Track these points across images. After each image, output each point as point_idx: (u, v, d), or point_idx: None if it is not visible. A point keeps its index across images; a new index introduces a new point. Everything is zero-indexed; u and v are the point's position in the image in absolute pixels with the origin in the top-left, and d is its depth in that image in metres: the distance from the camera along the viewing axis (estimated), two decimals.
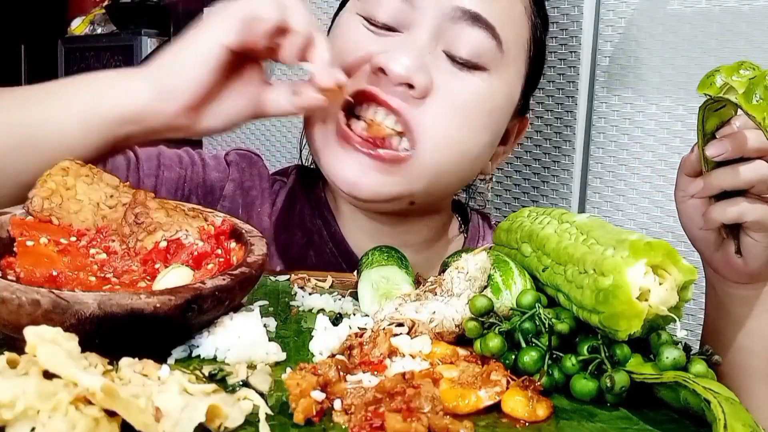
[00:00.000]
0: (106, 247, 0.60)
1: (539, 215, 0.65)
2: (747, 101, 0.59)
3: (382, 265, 0.67)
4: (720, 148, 0.63)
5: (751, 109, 0.59)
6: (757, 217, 0.64)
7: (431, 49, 0.77)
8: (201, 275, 0.57)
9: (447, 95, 0.77)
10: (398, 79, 0.75)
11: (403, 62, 0.74)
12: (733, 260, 0.67)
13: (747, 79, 0.60)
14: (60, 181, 0.63)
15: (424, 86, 0.76)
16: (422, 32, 0.77)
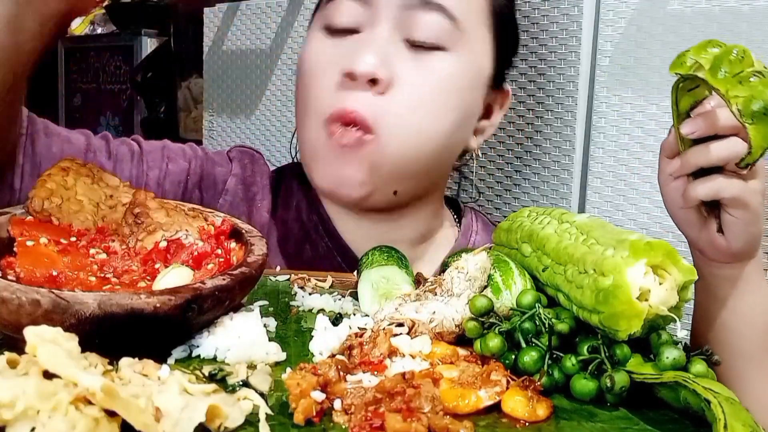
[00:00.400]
0: (106, 247, 0.60)
1: (539, 215, 0.65)
2: (713, 76, 0.61)
3: (382, 265, 0.67)
4: (693, 126, 0.65)
5: (717, 83, 0.61)
6: (734, 193, 0.65)
7: (393, 41, 0.80)
8: (201, 275, 0.57)
9: (409, 82, 0.80)
10: (364, 79, 0.78)
11: (367, 61, 0.78)
12: (716, 239, 0.69)
13: (713, 55, 0.62)
14: (60, 181, 0.63)
15: (387, 79, 0.79)
16: (381, 27, 0.80)
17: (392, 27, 0.80)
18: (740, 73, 0.61)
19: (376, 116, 0.79)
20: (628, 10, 0.98)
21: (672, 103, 0.67)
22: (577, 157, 1.04)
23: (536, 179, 1.09)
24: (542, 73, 1.06)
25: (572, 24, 1.02)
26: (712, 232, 0.69)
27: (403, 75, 0.80)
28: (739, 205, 0.66)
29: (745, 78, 0.61)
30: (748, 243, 0.69)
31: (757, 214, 0.67)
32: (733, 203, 0.66)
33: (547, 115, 1.06)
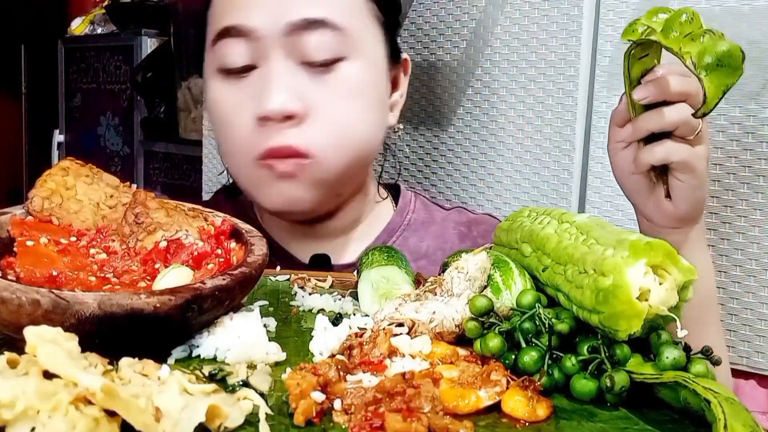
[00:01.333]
0: (106, 247, 0.60)
1: (539, 215, 0.65)
2: (666, 37, 0.64)
3: (382, 265, 0.67)
4: (645, 91, 0.68)
5: (670, 43, 0.64)
6: (683, 157, 0.68)
7: (291, 71, 0.80)
8: (201, 275, 0.57)
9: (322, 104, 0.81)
10: (280, 117, 0.78)
11: (276, 101, 0.78)
12: (663, 204, 0.72)
13: (664, 19, 0.65)
14: (60, 181, 0.63)
15: (300, 112, 0.79)
16: (274, 59, 0.80)
17: (284, 55, 0.80)
18: (691, 33, 0.64)
19: (308, 145, 0.80)
20: (628, 10, 0.97)
21: (624, 70, 0.70)
22: (577, 157, 1.04)
23: (536, 179, 1.09)
24: (542, 73, 1.06)
25: (572, 24, 1.02)
26: (660, 198, 0.72)
27: (314, 100, 0.80)
28: (687, 169, 0.69)
29: (696, 36, 0.63)
30: (694, 207, 0.72)
31: (702, 178, 0.71)
32: (681, 167, 0.69)
33: (547, 115, 1.06)
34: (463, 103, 1.15)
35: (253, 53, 0.80)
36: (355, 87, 0.83)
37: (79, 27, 3.08)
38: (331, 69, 0.81)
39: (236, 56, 0.81)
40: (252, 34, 0.80)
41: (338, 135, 0.81)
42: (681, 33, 0.64)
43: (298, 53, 0.80)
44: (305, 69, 0.81)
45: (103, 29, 3.00)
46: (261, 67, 0.81)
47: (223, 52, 0.82)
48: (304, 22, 0.79)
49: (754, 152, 0.88)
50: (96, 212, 0.64)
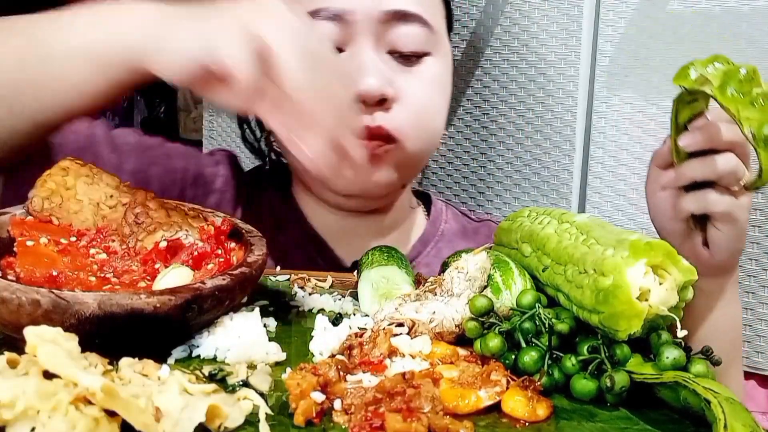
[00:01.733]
0: (106, 247, 0.60)
1: (539, 215, 0.65)
2: (722, 93, 0.61)
3: (382, 265, 0.67)
4: (692, 138, 0.66)
5: (726, 101, 0.61)
6: (724, 208, 0.66)
7: (380, 57, 0.82)
8: (201, 275, 0.57)
9: (409, 94, 0.83)
10: (374, 100, 0.80)
11: (372, 83, 0.79)
12: (700, 252, 0.70)
13: (722, 72, 0.62)
14: (60, 181, 0.63)
15: (393, 96, 0.81)
16: (365, 44, 0.81)
17: (375, 42, 0.81)
18: (750, 93, 0.61)
19: (396, 129, 0.82)
20: (628, 10, 0.97)
21: (672, 115, 0.67)
22: (577, 157, 1.04)
23: (536, 179, 1.09)
24: (542, 73, 1.06)
25: (572, 24, 1.02)
26: (697, 245, 0.70)
27: (402, 88, 0.82)
28: (728, 220, 0.67)
29: (755, 99, 0.61)
30: (731, 257, 0.70)
31: (743, 230, 0.69)
32: (722, 218, 0.67)
33: (547, 115, 1.06)
34: (463, 103, 1.15)
35: (341, 36, 0.81)
36: (436, 82, 0.86)
37: None
38: (417, 62, 0.84)
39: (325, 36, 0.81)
40: (345, 17, 0.80)
41: (421, 123, 0.84)
42: (739, 91, 0.61)
43: (387, 42, 0.82)
44: (393, 58, 0.83)
45: None
46: (348, 50, 0.82)
47: None
48: (399, 13, 0.81)
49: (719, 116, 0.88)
50: (96, 212, 0.64)
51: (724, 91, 0.61)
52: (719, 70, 0.62)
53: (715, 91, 0.62)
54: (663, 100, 0.96)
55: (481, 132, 1.14)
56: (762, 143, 0.61)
